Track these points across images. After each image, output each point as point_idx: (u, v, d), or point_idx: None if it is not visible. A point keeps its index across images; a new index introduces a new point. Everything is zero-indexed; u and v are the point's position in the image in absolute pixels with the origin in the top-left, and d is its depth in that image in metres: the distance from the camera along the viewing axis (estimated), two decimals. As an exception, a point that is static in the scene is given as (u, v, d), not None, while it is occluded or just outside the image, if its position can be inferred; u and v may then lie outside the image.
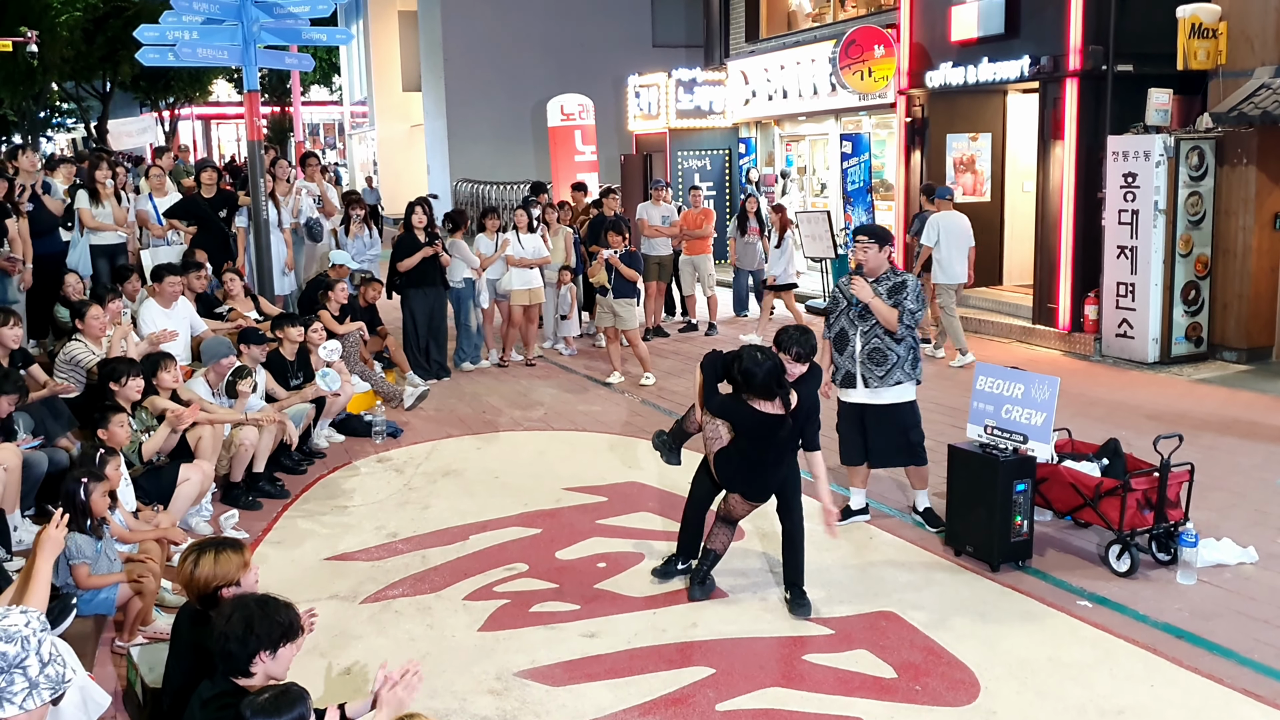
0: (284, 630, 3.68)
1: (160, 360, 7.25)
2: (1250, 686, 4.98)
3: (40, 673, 2.90)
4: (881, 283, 6.70)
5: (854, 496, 7.20)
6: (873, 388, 6.77)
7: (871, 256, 6.72)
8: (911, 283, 6.66)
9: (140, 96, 44.32)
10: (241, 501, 7.66)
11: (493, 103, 25.20)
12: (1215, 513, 7.04)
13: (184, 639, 4.26)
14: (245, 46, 10.53)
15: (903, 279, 6.69)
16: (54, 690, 2.95)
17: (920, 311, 6.66)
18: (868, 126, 17.15)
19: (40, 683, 2.89)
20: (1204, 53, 11.28)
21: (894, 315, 6.60)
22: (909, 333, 6.71)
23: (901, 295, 6.63)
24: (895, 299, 6.64)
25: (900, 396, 6.80)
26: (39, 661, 2.91)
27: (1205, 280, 11.60)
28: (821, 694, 5.02)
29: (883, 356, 6.71)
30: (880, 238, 6.76)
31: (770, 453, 5.81)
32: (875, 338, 6.71)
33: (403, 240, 11.41)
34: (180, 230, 11.32)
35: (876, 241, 6.73)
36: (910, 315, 6.62)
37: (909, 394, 6.84)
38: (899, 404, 6.81)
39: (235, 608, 3.66)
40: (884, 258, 6.74)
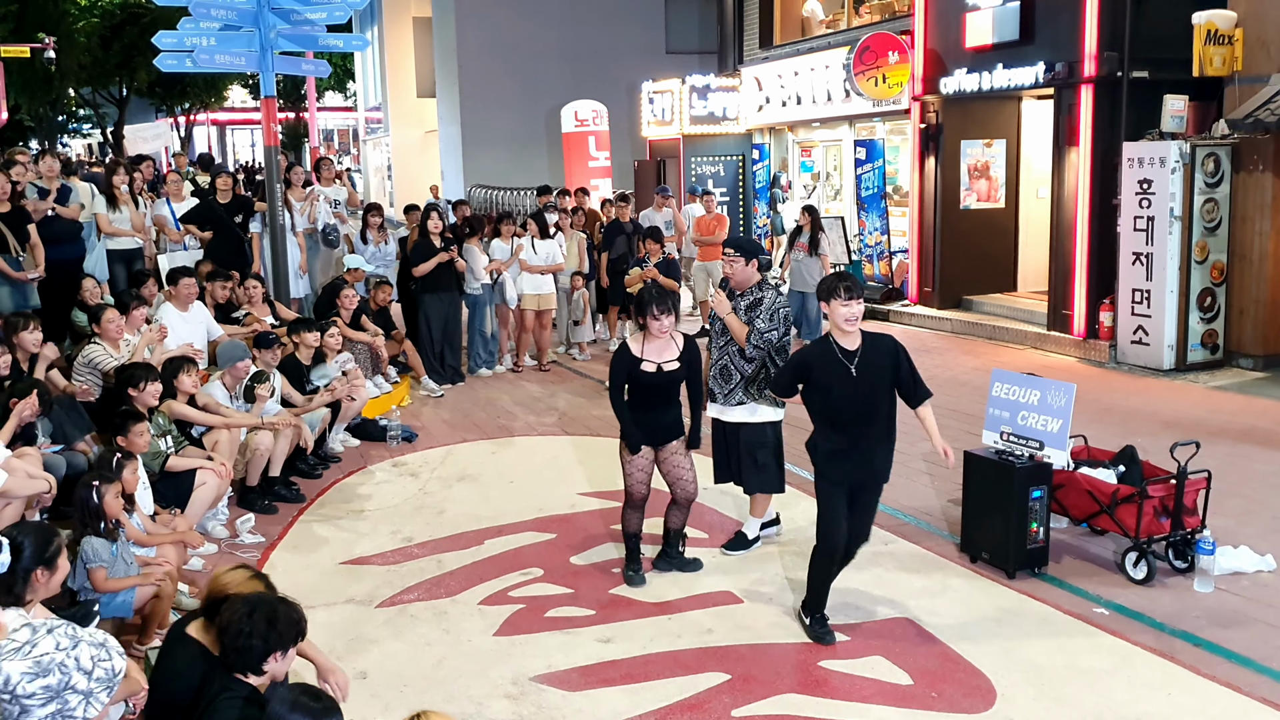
0: (298, 632, 3.71)
1: (182, 364, 7.28)
2: (1269, 695, 4.96)
3: (90, 681, 2.92)
4: (743, 298, 6.51)
5: (749, 525, 6.99)
6: (719, 404, 6.61)
7: (739, 270, 6.48)
8: (768, 301, 6.42)
9: (156, 102, 44.59)
10: (257, 506, 7.68)
11: (507, 109, 25.27)
12: (1232, 520, 7.01)
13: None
14: (262, 53, 10.59)
15: (759, 296, 6.46)
16: (109, 687, 2.97)
17: (772, 332, 6.38)
18: (882, 133, 17.13)
19: (94, 689, 2.92)
20: (1220, 59, 11.25)
21: (744, 332, 6.38)
22: (761, 353, 6.43)
23: (755, 313, 6.42)
24: (749, 316, 6.45)
25: (744, 417, 6.58)
26: (84, 674, 2.92)
27: (1221, 287, 11.56)
28: (838, 700, 5.02)
29: (729, 374, 6.54)
30: (748, 251, 6.52)
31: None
32: (727, 355, 6.54)
33: (418, 246, 11.45)
34: (196, 235, 11.37)
35: (744, 255, 6.49)
36: (759, 335, 6.36)
37: (756, 415, 6.57)
38: (743, 424, 6.59)
39: (255, 605, 3.65)
40: (752, 271, 6.49)
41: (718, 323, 6.58)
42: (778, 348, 6.47)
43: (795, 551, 6.82)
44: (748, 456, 6.64)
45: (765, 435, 6.62)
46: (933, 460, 8.53)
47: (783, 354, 6.48)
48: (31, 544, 4.06)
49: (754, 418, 6.58)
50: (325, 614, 6.08)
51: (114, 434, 6.40)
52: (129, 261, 11.16)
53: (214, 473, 7.01)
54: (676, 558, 6.57)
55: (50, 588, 4.18)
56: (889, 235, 16.09)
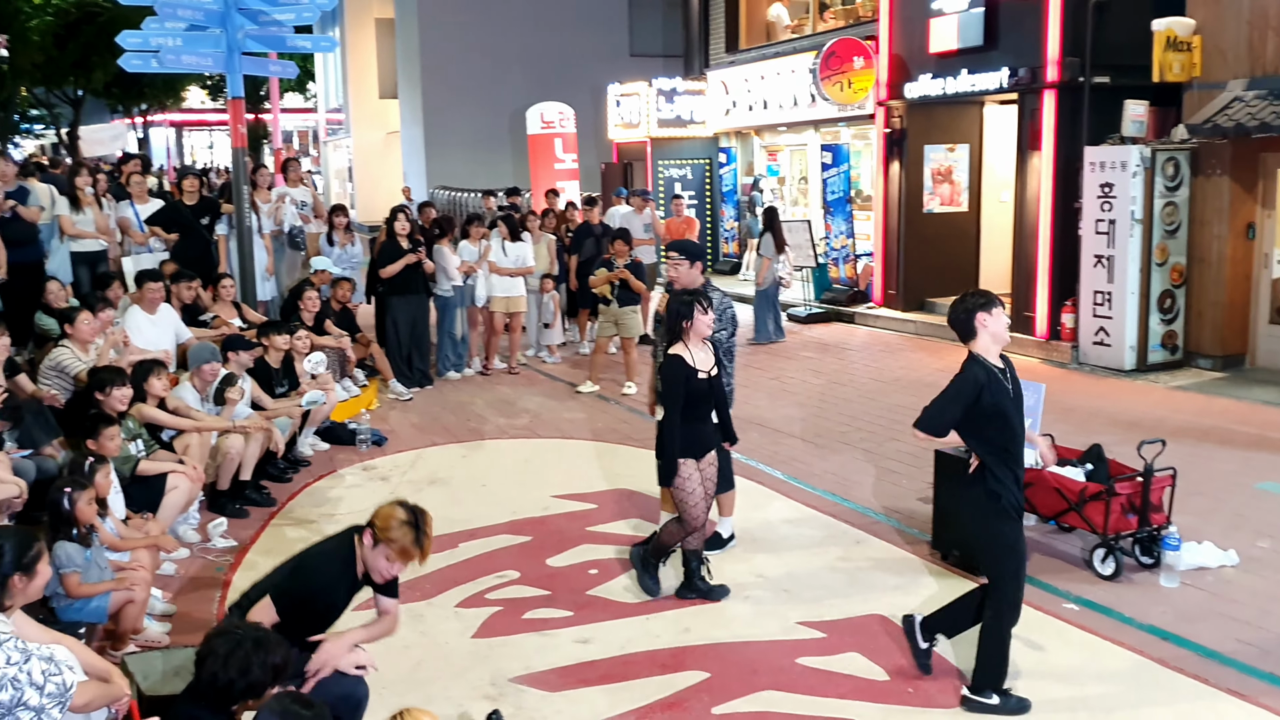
0: (276, 677, 3.65)
1: (152, 368, 7.23)
2: (1235, 686, 5.07)
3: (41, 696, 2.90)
4: None
5: (721, 525, 6.93)
6: None
7: (683, 273, 6.47)
8: (715, 301, 6.36)
9: (112, 103, 44.04)
10: (229, 510, 7.65)
11: (470, 111, 25.21)
12: (1196, 517, 7.14)
13: None
14: (230, 54, 10.51)
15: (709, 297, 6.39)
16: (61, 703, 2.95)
17: (721, 332, 6.37)
18: (847, 137, 17.29)
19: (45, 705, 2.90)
20: (1179, 65, 11.45)
21: None
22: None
23: None
24: None
25: None
26: (35, 690, 2.90)
27: (1181, 289, 11.76)
28: (816, 697, 5.07)
29: None
30: (691, 254, 6.54)
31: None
32: None
33: (385, 247, 11.42)
34: (162, 237, 11.28)
35: (688, 258, 6.50)
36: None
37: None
38: None
39: (235, 645, 3.56)
40: (696, 273, 6.48)
41: (663, 326, 6.55)
42: (726, 348, 6.45)
43: (770, 549, 6.88)
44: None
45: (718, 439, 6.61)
46: (902, 459, 8.64)
47: (729, 353, 6.48)
48: (10, 549, 4.02)
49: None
50: (301, 617, 6.06)
51: (85, 438, 6.35)
52: (93, 264, 11.05)
53: (185, 476, 6.96)
54: (702, 585, 6.20)
55: (29, 594, 4.14)
56: (854, 239, 16.22)
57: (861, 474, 8.41)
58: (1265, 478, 8.06)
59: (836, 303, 16.01)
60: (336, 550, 4.44)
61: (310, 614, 4.35)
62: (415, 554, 4.28)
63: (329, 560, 4.43)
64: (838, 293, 16.20)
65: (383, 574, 4.37)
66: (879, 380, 11.76)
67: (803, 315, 15.70)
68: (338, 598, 4.42)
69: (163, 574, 6.50)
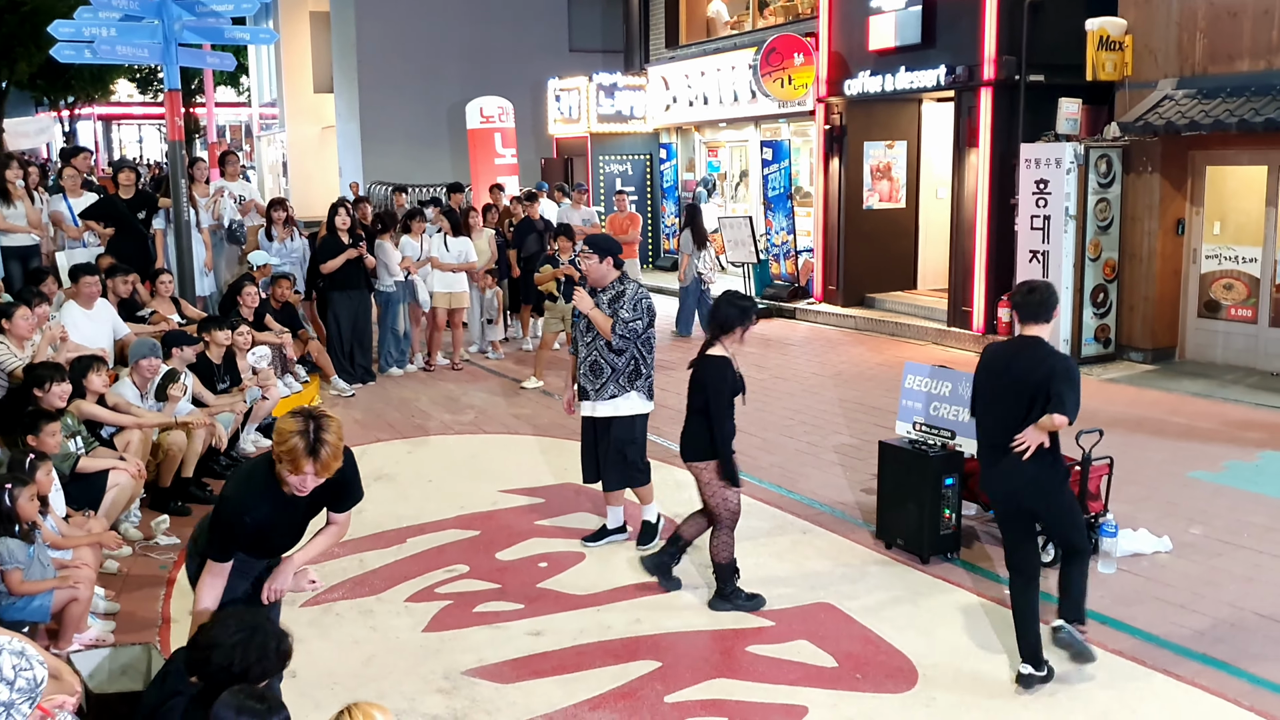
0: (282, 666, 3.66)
1: (91, 363, 7.12)
2: (1171, 667, 5.23)
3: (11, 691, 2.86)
4: (605, 293, 6.55)
5: (611, 514, 6.93)
6: (592, 400, 6.62)
7: (594, 267, 6.54)
8: (630, 292, 6.50)
9: (38, 95, 43.08)
10: (171, 507, 7.55)
11: (408, 105, 25.00)
12: (1130, 505, 7.33)
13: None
14: (166, 45, 10.35)
15: (623, 289, 6.53)
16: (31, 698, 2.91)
17: (636, 321, 6.45)
18: (787, 134, 17.44)
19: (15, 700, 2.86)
20: (1111, 64, 11.71)
21: (609, 324, 6.44)
22: (627, 344, 6.49)
23: (619, 305, 6.49)
24: (613, 308, 6.50)
25: (614, 410, 6.59)
26: (5, 684, 2.86)
27: (1113, 283, 12.04)
28: (766, 684, 5.14)
29: (600, 369, 6.55)
30: (602, 249, 6.55)
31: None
32: (596, 350, 6.56)
33: (326, 243, 11.32)
34: (96, 232, 11.07)
35: (598, 253, 6.53)
36: (624, 325, 6.42)
37: (625, 408, 6.59)
38: (613, 418, 6.61)
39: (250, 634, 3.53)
40: (607, 268, 6.53)
41: (583, 320, 6.61)
42: (642, 337, 6.54)
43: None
44: (616, 454, 6.65)
45: (634, 430, 6.67)
46: (844, 452, 8.76)
47: (647, 345, 6.57)
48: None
49: (623, 411, 6.60)
50: (249, 613, 6.01)
51: (24, 434, 6.24)
52: (25, 259, 10.79)
53: (126, 473, 6.86)
54: (739, 597, 6.02)
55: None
56: (795, 235, 16.37)
57: (806, 466, 8.51)
58: (1195, 467, 8.29)
59: (778, 299, 16.15)
60: (253, 471, 4.25)
61: (247, 538, 4.16)
62: (308, 461, 3.98)
63: (245, 481, 4.23)
64: (779, 289, 16.35)
65: (296, 489, 4.10)
66: (821, 375, 11.89)
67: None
68: (263, 516, 4.14)
69: (106, 572, 6.41)
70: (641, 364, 6.60)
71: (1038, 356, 5.09)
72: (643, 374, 6.61)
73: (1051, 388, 5.00)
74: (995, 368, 5.27)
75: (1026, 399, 5.04)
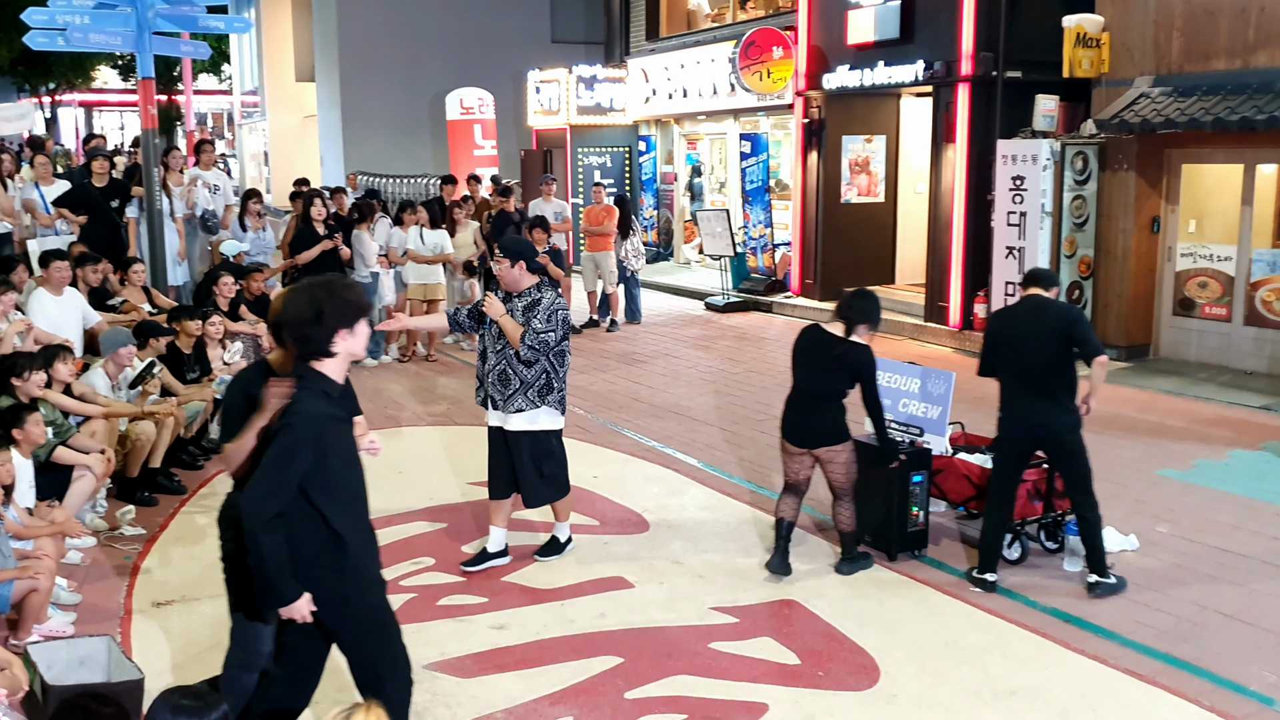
0: (359, 309, 3.79)
1: (57, 353, 7.06)
2: (1133, 666, 5.24)
3: None
4: (519, 300, 6.19)
5: (493, 536, 6.55)
6: (501, 410, 6.28)
7: (505, 272, 6.18)
8: (546, 301, 6.15)
9: (18, 81, 42.69)
10: (138, 497, 7.51)
11: (389, 95, 24.89)
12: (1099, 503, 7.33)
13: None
14: (139, 33, 10.29)
15: (540, 297, 6.18)
16: None
17: (549, 333, 6.10)
18: (766, 127, 17.42)
19: None
20: (1088, 61, 11.73)
21: (519, 333, 6.09)
22: (538, 355, 6.13)
23: (533, 314, 6.14)
24: (526, 317, 6.15)
25: (525, 425, 6.25)
26: None
27: (1089, 280, 12.07)
28: (728, 680, 5.14)
29: (508, 379, 6.20)
30: (513, 253, 6.21)
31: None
32: (505, 359, 6.20)
33: (301, 233, 11.26)
34: (69, 220, 10.99)
35: (509, 257, 6.19)
36: (535, 335, 6.07)
37: (536, 423, 6.26)
38: (524, 432, 6.26)
39: (311, 289, 3.73)
40: (519, 273, 6.16)
41: (494, 326, 6.24)
42: (555, 350, 6.21)
43: (686, 536, 6.94)
44: (532, 469, 6.33)
45: (550, 445, 6.37)
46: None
47: (560, 358, 6.26)
48: None
49: (535, 426, 6.27)
50: (212, 606, 5.96)
51: (6, 428, 6.19)
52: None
53: (97, 462, 6.79)
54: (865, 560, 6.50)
55: None
56: (772, 228, 16.37)
57: (777, 462, 8.42)
58: (1165, 465, 8.33)
59: (754, 292, 16.15)
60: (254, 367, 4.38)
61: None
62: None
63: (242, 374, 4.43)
64: (755, 282, 16.35)
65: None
66: (796, 368, 11.88)
67: (720, 304, 15.82)
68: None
69: (69, 563, 6.38)
70: (553, 377, 6.24)
71: (1050, 309, 6.03)
72: (554, 388, 6.26)
73: (1073, 335, 5.90)
74: (1008, 327, 6.28)
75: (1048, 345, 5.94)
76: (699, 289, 16.92)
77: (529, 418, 6.25)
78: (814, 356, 6.29)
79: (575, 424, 9.58)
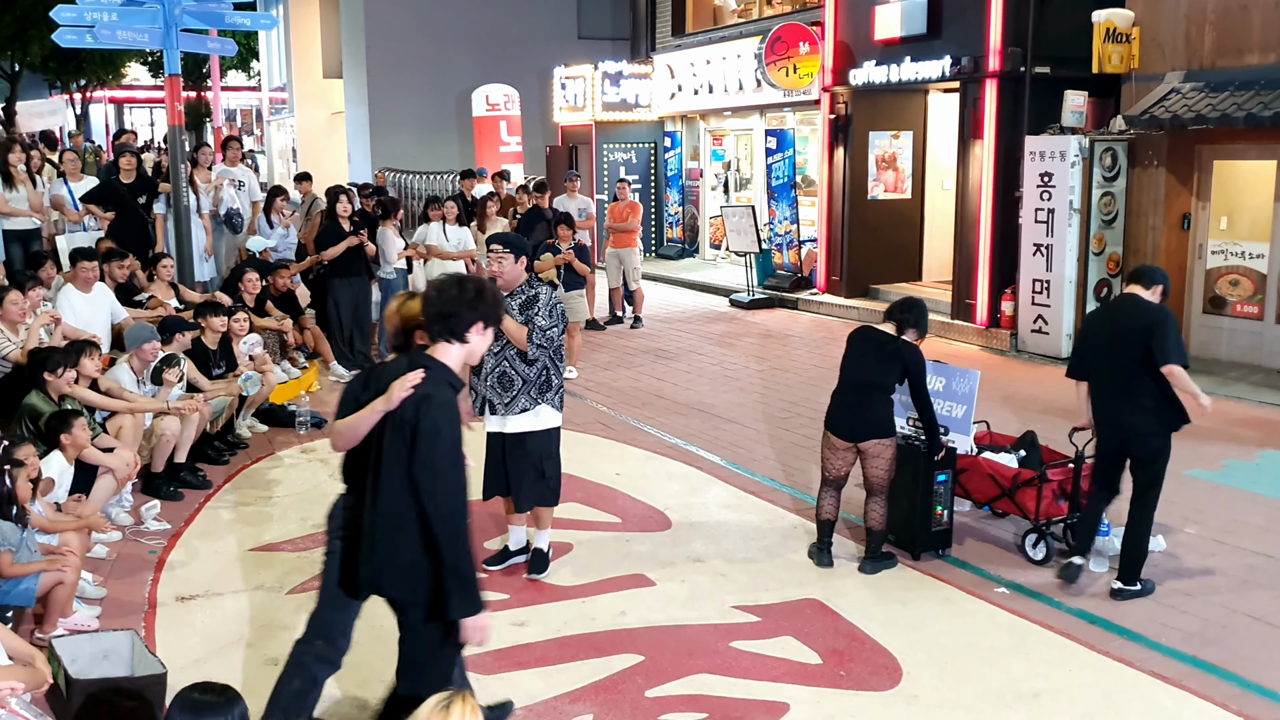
0: (499, 315, 4.08)
1: (84, 348, 7.11)
2: (1159, 669, 5.18)
3: None
4: (514, 298, 6.00)
5: (513, 534, 6.49)
6: (500, 415, 6.09)
7: (507, 268, 5.96)
8: (544, 297, 6.00)
9: (50, 78, 43.09)
10: (163, 492, 7.55)
11: (416, 91, 24.94)
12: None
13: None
14: (166, 30, 10.34)
15: (536, 292, 6.01)
16: None
17: (553, 328, 5.97)
18: (792, 123, 17.35)
19: None
20: (1118, 57, 11.61)
21: (524, 333, 5.92)
22: (540, 353, 5.98)
23: (533, 310, 5.97)
24: (526, 314, 5.98)
25: (529, 425, 6.09)
26: None
27: (1117, 278, 11.95)
28: (749, 680, 5.11)
29: (509, 381, 6.02)
30: (516, 248, 6.05)
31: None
32: (505, 360, 6.01)
33: (327, 229, 11.29)
34: (97, 216, 11.07)
35: (513, 252, 6.00)
36: (541, 333, 5.91)
37: (540, 422, 6.11)
38: (527, 433, 6.11)
39: (458, 280, 3.97)
40: (520, 269, 6.01)
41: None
42: (555, 346, 6.06)
43: (708, 534, 6.92)
44: (533, 470, 6.18)
45: (551, 445, 6.21)
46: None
47: (558, 353, 6.11)
48: None
49: (537, 424, 6.12)
50: (235, 601, 6.02)
51: (54, 434, 6.25)
52: (26, 242, 10.80)
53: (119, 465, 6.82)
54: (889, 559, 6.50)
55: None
56: (798, 224, 16.31)
57: (801, 460, 8.47)
58: (1194, 465, 8.22)
59: (780, 289, 16.09)
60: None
61: None
62: None
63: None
64: (781, 279, 16.29)
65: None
66: (821, 367, 11.82)
67: (745, 301, 15.77)
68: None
69: (94, 556, 6.42)
70: (553, 374, 6.08)
71: (1138, 308, 5.96)
72: (553, 385, 6.10)
73: (1151, 338, 5.79)
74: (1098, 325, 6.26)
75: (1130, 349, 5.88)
76: (724, 285, 16.88)
77: (531, 416, 6.10)
78: (867, 350, 6.35)
79: (597, 420, 9.59)
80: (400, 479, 3.85)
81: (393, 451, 3.87)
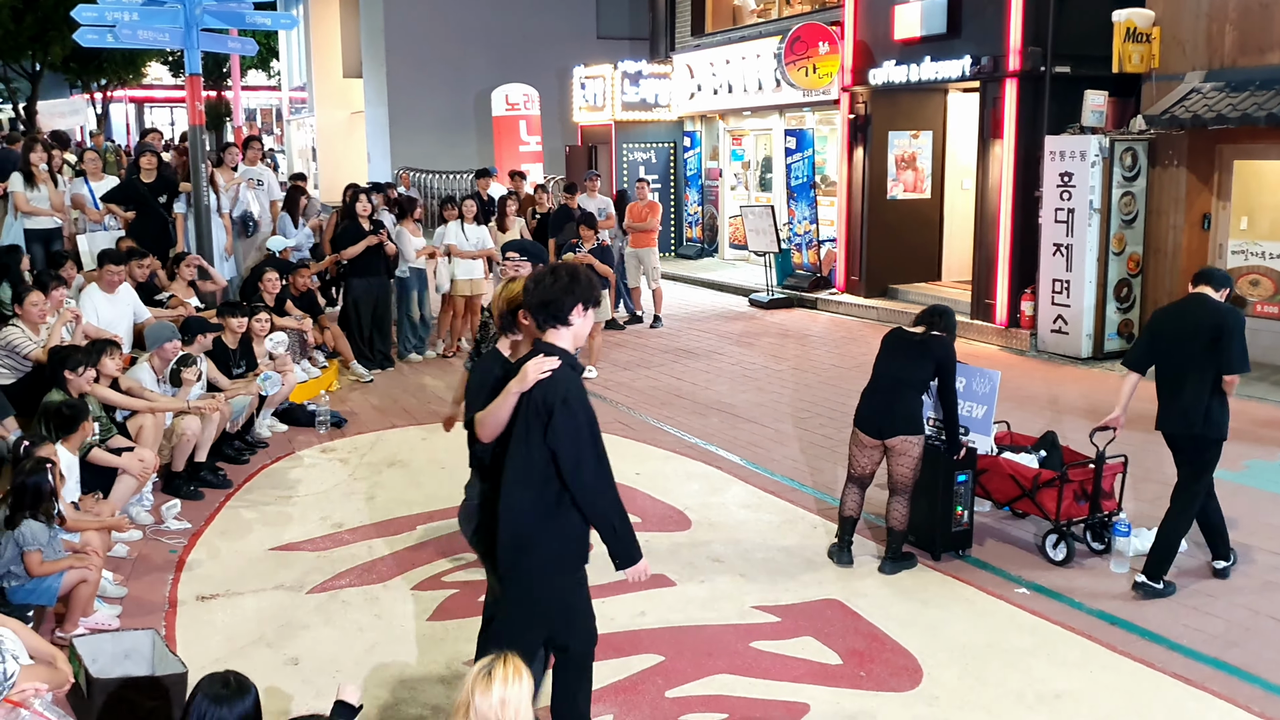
0: (597, 296, 4.18)
1: (105, 347, 7.15)
2: (1181, 670, 5.15)
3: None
4: None
5: None
6: None
7: (525, 275, 6.12)
8: None
9: (71, 78, 43.34)
10: (183, 491, 7.59)
11: (435, 91, 25.03)
12: (1147, 504, 7.23)
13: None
14: (187, 29, 10.40)
15: None
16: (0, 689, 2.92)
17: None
18: (811, 122, 17.32)
19: None
20: (1138, 56, 11.55)
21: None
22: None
23: None
24: None
25: None
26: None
27: (1137, 278, 11.89)
28: (769, 680, 5.11)
29: None
30: (534, 255, 5.83)
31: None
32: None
33: (346, 229, 11.33)
34: (118, 215, 11.13)
35: (530, 259, 5.72)
36: None
37: None
38: None
39: (551, 269, 4.12)
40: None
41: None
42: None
43: (728, 534, 6.92)
44: None
45: None
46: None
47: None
48: None
49: None
50: (255, 600, 6.04)
51: (62, 430, 6.29)
52: (47, 241, 10.89)
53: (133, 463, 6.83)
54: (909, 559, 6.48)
55: None
56: (817, 224, 16.28)
57: (820, 460, 8.45)
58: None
59: (799, 288, 16.06)
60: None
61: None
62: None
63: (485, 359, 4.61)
64: (800, 278, 16.26)
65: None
66: (840, 367, 11.81)
67: (764, 301, 15.75)
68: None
69: (115, 555, 6.45)
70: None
71: (1207, 308, 5.97)
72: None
73: (1220, 341, 5.82)
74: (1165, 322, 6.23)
75: (1196, 346, 5.90)
76: (743, 285, 16.86)
77: None
78: (899, 346, 6.45)
79: (617, 420, 9.59)
80: (542, 457, 4.04)
81: (530, 434, 4.06)
